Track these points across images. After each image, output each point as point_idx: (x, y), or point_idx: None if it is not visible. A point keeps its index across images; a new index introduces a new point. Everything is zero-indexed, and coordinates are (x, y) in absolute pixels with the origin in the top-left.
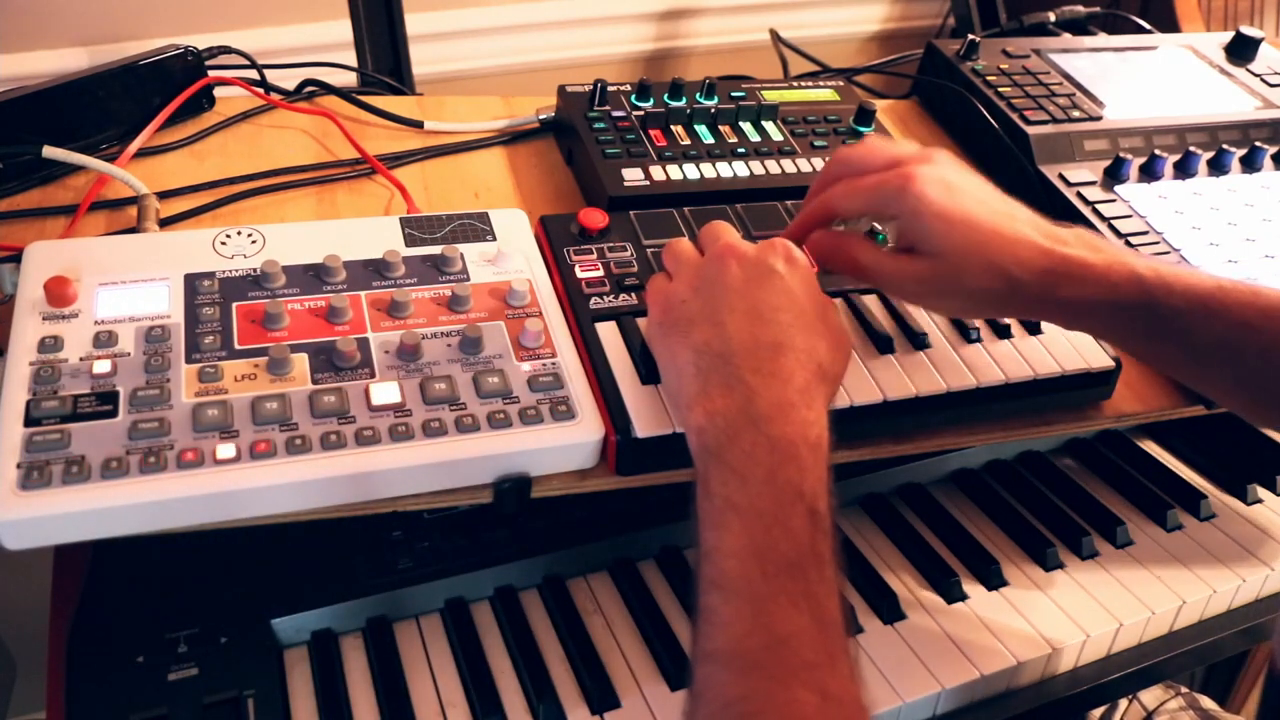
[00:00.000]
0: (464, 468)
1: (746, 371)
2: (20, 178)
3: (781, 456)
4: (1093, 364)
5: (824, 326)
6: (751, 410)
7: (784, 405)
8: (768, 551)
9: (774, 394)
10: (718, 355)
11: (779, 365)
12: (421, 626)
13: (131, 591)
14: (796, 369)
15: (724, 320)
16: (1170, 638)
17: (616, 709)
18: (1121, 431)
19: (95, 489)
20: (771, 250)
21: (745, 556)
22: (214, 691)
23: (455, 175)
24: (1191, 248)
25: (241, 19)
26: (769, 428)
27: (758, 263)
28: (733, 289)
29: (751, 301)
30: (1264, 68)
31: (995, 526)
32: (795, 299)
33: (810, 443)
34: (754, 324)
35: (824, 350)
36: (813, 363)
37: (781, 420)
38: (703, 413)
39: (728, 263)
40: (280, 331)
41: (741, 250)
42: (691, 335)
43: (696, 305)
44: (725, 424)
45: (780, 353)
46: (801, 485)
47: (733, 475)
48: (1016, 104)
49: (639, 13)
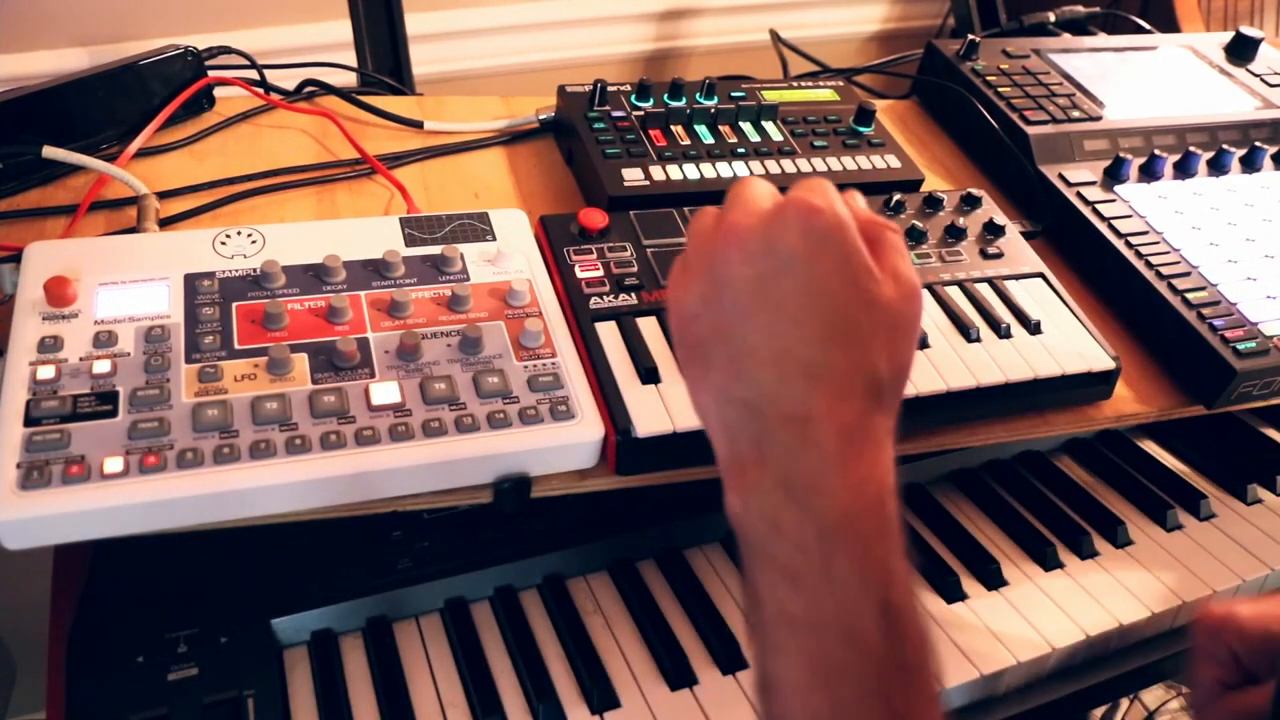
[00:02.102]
0: (464, 468)
1: (776, 424)
2: (20, 178)
3: (836, 540)
4: (1093, 364)
5: (872, 313)
6: (791, 482)
7: (828, 465)
8: (837, 680)
9: (813, 451)
10: (742, 404)
11: (814, 404)
12: (421, 626)
13: (131, 591)
14: (840, 401)
15: (741, 347)
16: (1170, 637)
17: (616, 709)
18: (1121, 431)
19: (95, 489)
20: (780, 220)
21: (811, 692)
22: (214, 691)
23: (455, 175)
24: (1191, 248)
25: (241, 19)
26: (814, 502)
27: (765, 246)
28: (742, 293)
29: (768, 309)
30: (1264, 68)
31: (995, 526)
32: (825, 286)
33: (871, 503)
34: (775, 345)
35: (878, 351)
36: (862, 379)
37: (828, 488)
38: (736, 494)
39: (728, 254)
40: (280, 331)
41: (743, 230)
42: (711, 374)
43: (707, 323)
44: (762, 507)
45: (815, 384)
46: (866, 571)
47: (781, 577)
48: (1016, 104)
49: (639, 13)
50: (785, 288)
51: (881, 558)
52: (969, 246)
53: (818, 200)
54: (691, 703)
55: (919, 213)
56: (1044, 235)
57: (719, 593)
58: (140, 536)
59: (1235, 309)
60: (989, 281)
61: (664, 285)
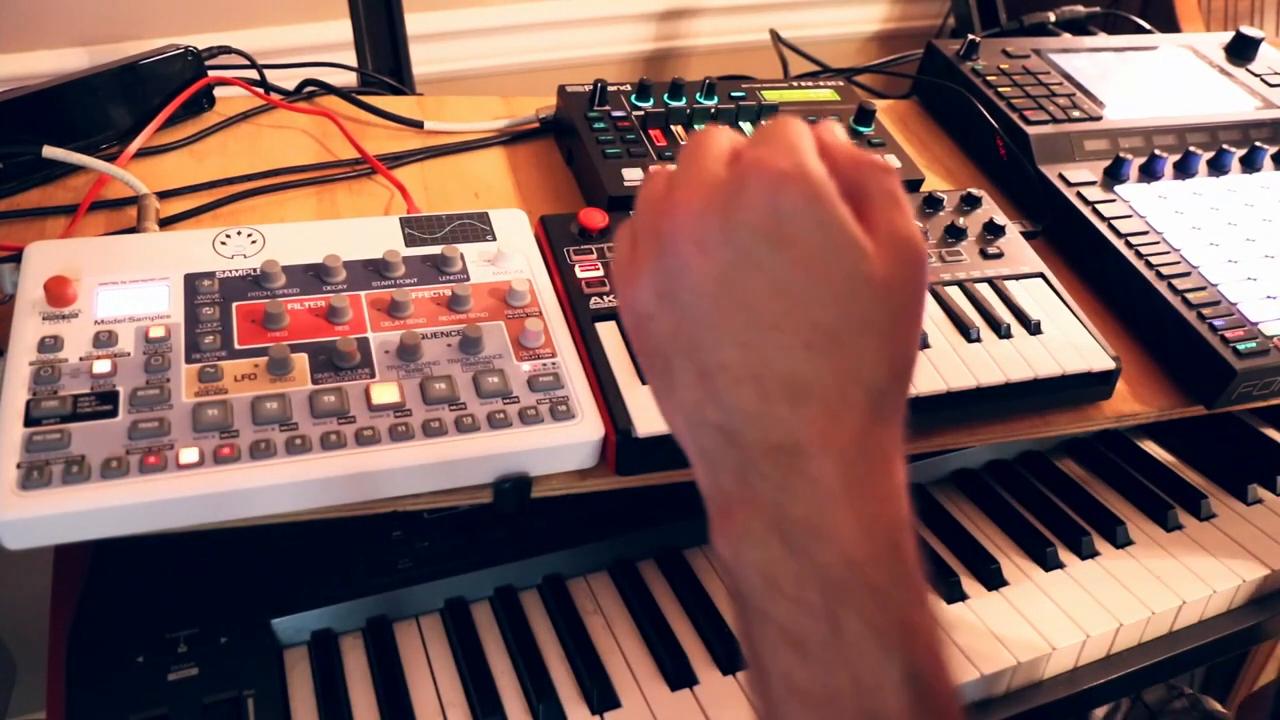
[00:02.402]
0: (464, 468)
1: (760, 455)
2: (20, 178)
3: (845, 596)
4: (1093, 364)
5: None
6: (785, 527)
7: (827, 503)
8: None
9: (808, 488)
10: (718, 430)
11: (803, 430)
12: (421, 626)
13: (131, 591)
14: (834, 423)
15: (709, 361)
16: (1170, 638)
17: (616, 709)
18: (1121, 431)
19: (95, 489)
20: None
21: None
22: (214, 691)
23: (455, 175)
24: (1191, 248)
25: (241, 19)
26: (815, 551)
27: (723, 234)
28: (702, 294)
29: (736, 314)
30: (1264, 68)
31: (995, 526)
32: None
33: (884, 546)
34: (750, 358)
35: (876, 348)
36: (859, 389)
37: (830, 532)
38: (724, 539)
39: (680, 243)
40: (280, 331)
41: (695, 212)
42: (678, 391)
43: (666, 326)
44: (756, 558)
45: (801, 403)
46: (884, 631)
47: (783, 642)
48: (1016, 104)
49: (639, 13)
50: (753, 287)
51: (901, 613)
52: (969, 246)
53: (783, 162)
54: (691, 703)
55: (919, 213)
56: (1044, 235)
57: (719, 593)
58: (140, 536)
59: (1235, 309)
60: (989, 281)
61: None
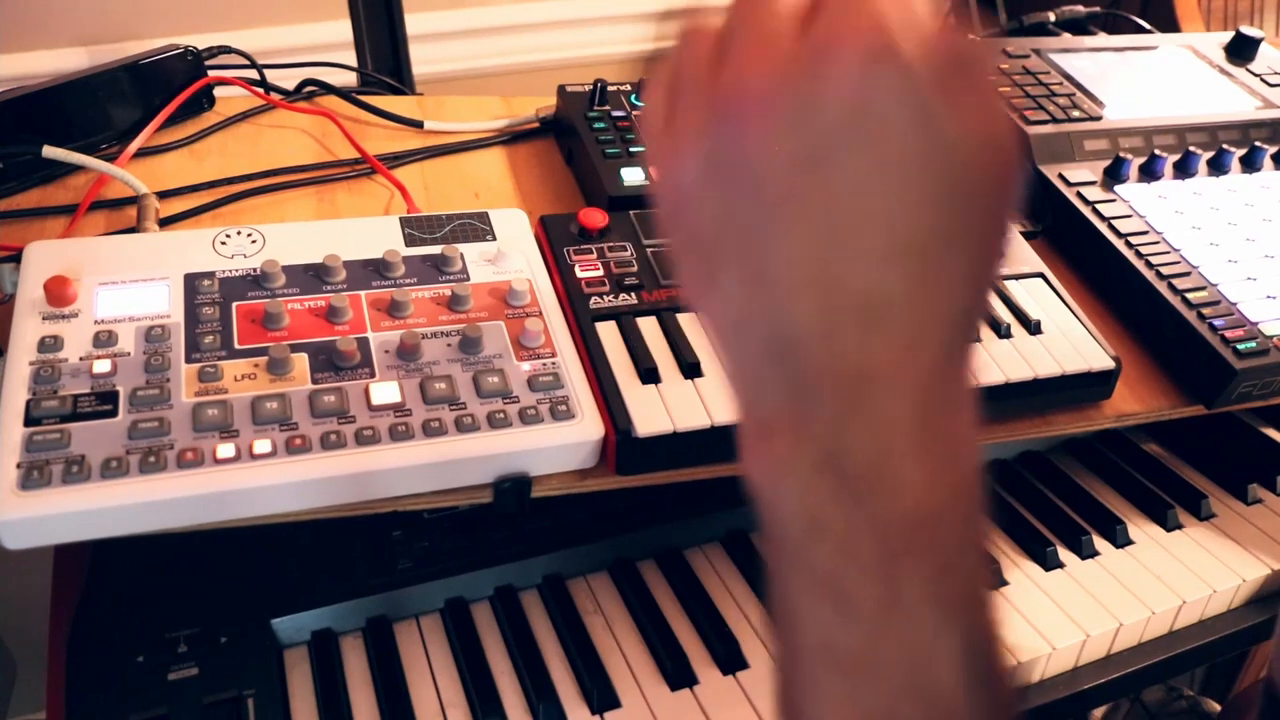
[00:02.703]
0: (464, 467)
1: (818, 381)
2: (20, 178)
3: (906, 554)
4: (1093, 364)
5: (964, 205)
6: (841, 467)
7: (896, 446)
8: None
9: (875, 426)
10: (765, 343)
11: (878, 356)
12: (421, 626)
13: (131, 591)
14: (913, 352)
15: (767, 261)
16: (1170, 638)
17: (616, 709)
18: (1121, 431)
19: (95, 489)
20: (825, 69)
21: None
22: (214, 691)
23: (455, 175)
24: (1191, 248)
25: (241, 19)
26: (874, 499)
27: (802, 111)
28: (771, 182)
29: (812, 210)
30: (1264, 68)
31: (996, 526)
32: (899, 174)
33: (953, 499)
34: (821, 265)
35: (967, 265)
36: (940, 314)
37: (896, 480)
38: (760, 469)
39: (747, 120)
40: (280, 331)
41: (767, 82)
42: (718, 291)
43: (714, 215)
44: (798, 496)
45: (879, 327)
46: (945, 599)
47: (824, 597)
48: (1016, 104)
49: (639, 13)
50: (839, 178)
51: (966, 580)
52: None
53: (873, 38)
54: (691, 703)
55: None
56: (1044, 235)
57: (719, 593)
58: (140, 536)
59: (1235, 309)
60: None
61: (665, 285)
